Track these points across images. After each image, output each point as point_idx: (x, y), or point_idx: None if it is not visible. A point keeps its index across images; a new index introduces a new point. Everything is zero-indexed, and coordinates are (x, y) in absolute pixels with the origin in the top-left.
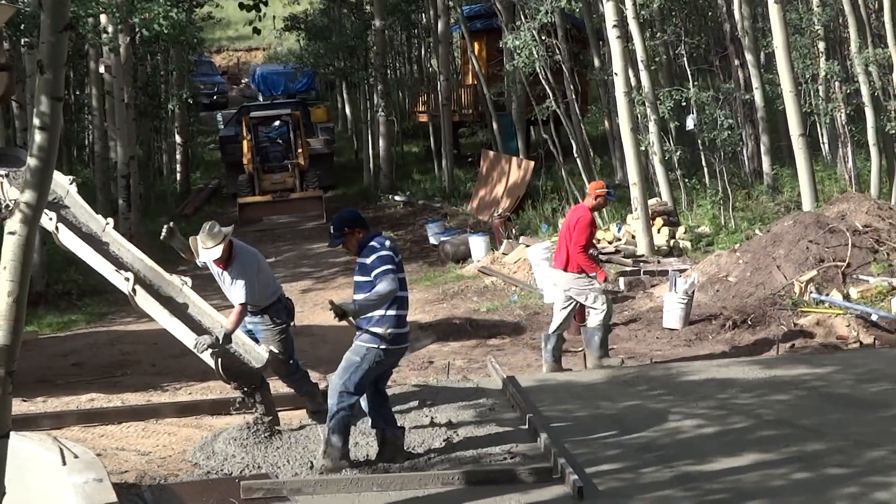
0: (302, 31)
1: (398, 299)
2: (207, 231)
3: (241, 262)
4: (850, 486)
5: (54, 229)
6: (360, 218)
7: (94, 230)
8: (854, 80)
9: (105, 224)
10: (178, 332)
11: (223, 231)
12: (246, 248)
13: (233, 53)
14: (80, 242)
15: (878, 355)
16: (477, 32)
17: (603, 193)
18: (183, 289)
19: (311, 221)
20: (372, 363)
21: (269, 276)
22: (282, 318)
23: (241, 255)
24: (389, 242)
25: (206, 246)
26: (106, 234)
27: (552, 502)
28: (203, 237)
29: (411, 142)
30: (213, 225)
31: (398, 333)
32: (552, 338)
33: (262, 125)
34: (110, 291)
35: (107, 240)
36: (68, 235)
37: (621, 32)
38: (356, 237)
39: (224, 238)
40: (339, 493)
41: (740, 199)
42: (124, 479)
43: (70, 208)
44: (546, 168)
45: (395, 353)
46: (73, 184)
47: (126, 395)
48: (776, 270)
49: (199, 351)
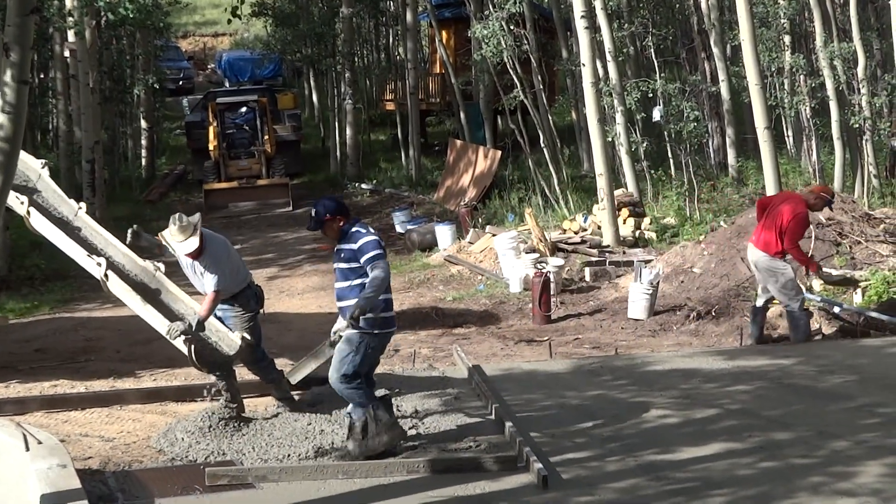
0: (269, 18)
1: (388, 284)
2: (178, 225)
3: (211, 250)
4: (813, 475)
5: (26, 213)
6: (342, 205)
7: (66, 214)
8: (819, 74)
9: (77, 208)
10: (150, 318)
11: (192, 221)
12: (215, 236)
13: (199, 39)
14: (51, 227)
15: (839, 347)
16: (445, 21)
17: (826, 199)
18: (156, 274)
19: (278, 208)
20: (366, 351)
21: (238, 263)
22: (251, 306)
23: (211, 243)
24: (371, 228)
25: (179, 239)
26: (78, 218)
27: (517, 491)
28: (173, 231)
29: (378, 130)
30: (181, 217)
31: (387, 317)
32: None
33: (228, 111)
34: (74, 277)
35: (79, 224)
36: (40, 220)
37: (589, 23)
38: (337, 224)
39: (195, 229)
40: (304, 480)
41: (705, 191)
42: (88, 466)
43: (42, 192)
44: (513, 158)
45: (385, 337)
46: (45, 167)
47: (90, 381)
48: (740, 262)
49: (172, 337)
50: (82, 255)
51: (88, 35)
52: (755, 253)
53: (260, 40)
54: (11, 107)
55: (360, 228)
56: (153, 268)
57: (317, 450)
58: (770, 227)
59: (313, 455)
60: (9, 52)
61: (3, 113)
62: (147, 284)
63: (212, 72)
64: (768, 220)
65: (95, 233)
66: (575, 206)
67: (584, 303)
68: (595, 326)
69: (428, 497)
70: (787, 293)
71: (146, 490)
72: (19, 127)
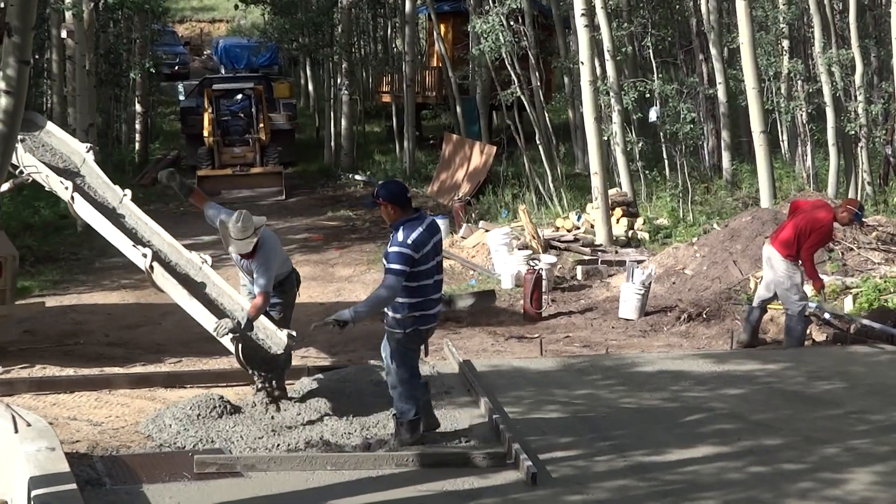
0: (267, 5)
1: (426, 286)
2: (241, 224)
3: (265, 250)
4: (802, 481)
5: (70, 199)
6: (399, 195)
7: (111, 201)
8: (816, 80)
9: (123, 195)
10: (196, 313)
11: (255, 223)
12: (269, 237)
13: (196, 24)
14: (95, 214)
15: (829, 353)
16: (444, 14)
17: (853, 211)
18: (203, 267)
19: (271, 197)
20: (406, 345)
21: (284, 257)
22: (294, 291)
23: (265, 244)
24: (418, 236)
25: (237, 237)
26: (123, 205)
27: (506, 487)
28: (234, 228)
29: (373, 122)
30: (247, 216)
31: (428, 315)
32: (755, 310)
33: (224, 98)
34: (65, 259)
35: (123, 212)
36: (84, 206)
37: (589, 21)
38: (387, 211)
39: (255, 232)
40: (293, 470)
41: (699, 193)
42: (76, 449)
43: (86, 177)
44: (508, 154)
45: (425, 333)
46: (89, 151)
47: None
48: (732, 265)
49: (220, 335)
50: (127, 244)
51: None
52: (771, 250)
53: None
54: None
55: (402, 232)
56: (200, 260)
57: (306, 441)
58: (792, 230)
59: (303, 446)
60: (11, 33)
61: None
62: (192, 277)
63: (208, 58)
64: (792, 223)
65: (140, 221)
66: (569, 204)
67: (576, 301)
68: (586, 325)
69: (417, 491)
70: (791, 297)
71: (134, 475)
72: (19, 107)
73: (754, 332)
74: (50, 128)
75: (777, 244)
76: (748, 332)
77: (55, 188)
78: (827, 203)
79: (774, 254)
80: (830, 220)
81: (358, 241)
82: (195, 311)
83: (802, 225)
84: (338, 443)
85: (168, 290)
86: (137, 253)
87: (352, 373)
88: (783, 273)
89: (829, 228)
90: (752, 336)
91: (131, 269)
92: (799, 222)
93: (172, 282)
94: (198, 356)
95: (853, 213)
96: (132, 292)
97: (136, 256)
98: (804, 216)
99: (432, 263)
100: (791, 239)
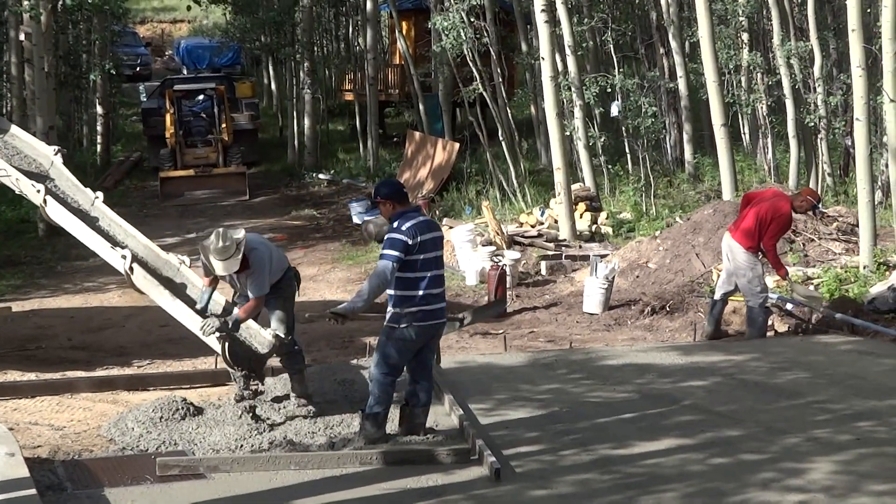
0: (228, 5)
1: (425, 279)
2: (220, 244)
3: (254, 261)
4: (764, 471)
5: (42, 202)
6: (395, 192)
7: (82, 204)
8: (776, 72)
9: (94, 197)
10: (180, 314)
11: (235, 239)
12: (256, 244)
13: (157, 24)
14: (70, 217)
15: (792, 344)
16: (406, 12)
17: (811, 202)
18: (181, 268)
19: (234, 197)
20: (398, 341)
21: (278, 256)
22: (293, 287)
23: (254, 254)
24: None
25: (221, 258)
26: (95, 208)
27: (470, 483)
28: (213, 251)
29: (337, 120)
30: (225, 234)
31: (426, 310)
32: (718, 303)
33: (185, 98)
34: (27, 263)
35: (96, 214)
36: (57, 209)
37: (549, 17)
38: (388, 208)
39: (237, 248)
40: (256, 471)
41: (662, 187)
42: (37, 454)
43: (55, 180)
44: (471, 150)
45: (426, 329)
46: (57, 154)
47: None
48: (695, 258)
49: (206, 335)
50: (105, 247)
51: (44, 19)
52: (731, 243)
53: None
54: None
55: (398, 221)
56: (177, 261)
57: (270, 441)
58: (753, 219)
59: (266, 446)
60: None
61: None
62: (171, 279)
63: (169, 58)
64: (753, 211)
65: (115, 223)
66: (532, 200)
67: (540, 296)
68: (550, 320)
69: (381, 489)
70: (753, 289)
71: (96, 479)
72: None
73: (717, 324)
74: (14, 131)
75: (738, 235)
76: (712, 324)
77: (26, 192)
78: (783, 192)
79: (735, 245)
80: (790, 208)
81: (322, 240)
82: (178, 312)
83: (763, 214)
84: (302, 442)
85: (149, 292)
86: (116, 255)
87: (315, 372)
88: (744, 264)
89: (789, 217)
90: (715, 328)
91: (94, 273)
92: (760, 211)
93: (154, 283)
94: (161, 358)
95: (811, 203)
96: (95, 295)
97: (114, 259)
98: (765, 205)
99: (432, 255)
100: (752, 228)
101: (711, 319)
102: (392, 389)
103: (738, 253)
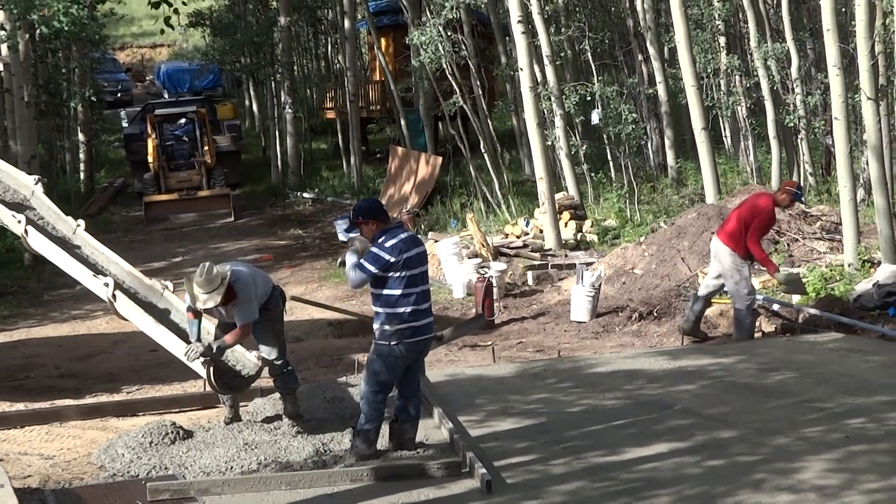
0: (207, 28)
1: (412, 295)
2: (205, 275)
3: (241, 288)
4: (756, 472)
5: (23, 232)
6: (375, 210)
7: (64, 232)
8: (754, 74)
9: (76, 225)
10: (164, 340)
11: (219, 273)
12: (240, 274)
13: (137, 50)
14: (51, 246)
15: (779, 344)
16: (384, 28)
17: (791, 191)
18: (164, 294)
19: (219, 219)
20: (387, 358)
21: (262, 279)
22: (279, 307)
23: (238, 284)
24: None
25: (206, 291)
26: (77, 236)
27: (461, 496)
28: (199, 281)
29: (319, 139)
30: (210, 269)
31: (414, 327)
32: (700, 300)
33: (167, 122)
34: (13, 293)
35: (78, 242)
36: (38, 239)
37: (526, 28)
38: (369, 228)
39: (223, 282)
40: (247, 492)
41: (645, 193)
42: (27, 484)
43: (36, 209)
44: (454, 164)
45: (415, 346)
46: (38, 183)
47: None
48: (681, 262)
49: (191, 360)
50: (87, 275)
51: (22, 48)
52: (718, 244)
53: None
54: None
55: (383, 238)
56: (161, 287)
57: (260, 461)
58: (736, 221)
59: (256, 467)
60: None
61: None
62: (155, 304)
63: (150, 83)
64: (734, 215)
65: (97, 251)
66: (517, 211)
67: (528, 306)
68: (538, 330)
69: None
70: (740, 291)
71: None
72: None
73: (696, 322)
74: None
75: (724, 237)
76: (690, 320)
77: (7, 222)
78: (765, 191)
79: (722, 248)
80: (770, 204)
81: (309, 259)
82: (163, 338)
83: (745, 213)
84: (292, 461)
85: (132, 319)
86: (99, 283)
87: (305, 391)
88: (731, 267)
89: (770, 212)
90: (693, 325)
91: (81, 300)
92: (742, 212)
93: (137, 310)
94: (150, 383)
95: (792, 193)
96: (83, 323)
97: (97, 287)
98: (745, 205)
99: (417, 271)
100: (737, 230)
101: (690, 315)
102: (383, 407)
103: (724, 256)
